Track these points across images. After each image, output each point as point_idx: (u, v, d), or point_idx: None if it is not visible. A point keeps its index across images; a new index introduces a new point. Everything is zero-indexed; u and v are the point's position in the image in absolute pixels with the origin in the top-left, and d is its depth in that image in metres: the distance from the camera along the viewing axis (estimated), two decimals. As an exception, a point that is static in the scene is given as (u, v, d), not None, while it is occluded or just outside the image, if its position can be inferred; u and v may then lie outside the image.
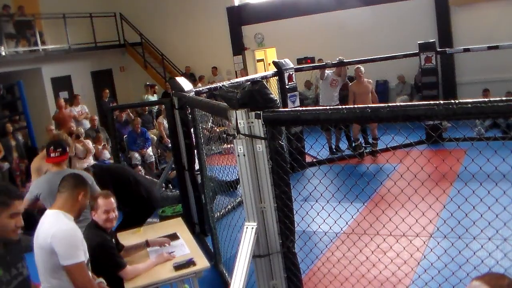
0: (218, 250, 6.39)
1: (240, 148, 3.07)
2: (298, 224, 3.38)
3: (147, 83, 17.24)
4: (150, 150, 12.07)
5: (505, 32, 13.29)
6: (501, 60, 13.49)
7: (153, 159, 12.04)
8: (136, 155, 11.80)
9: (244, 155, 3.07)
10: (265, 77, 10.44)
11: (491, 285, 2.02)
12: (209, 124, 7.04)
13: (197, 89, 7.92)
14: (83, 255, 3.43)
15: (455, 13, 15.16)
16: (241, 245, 3.02)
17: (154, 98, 16.08)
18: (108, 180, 5.84)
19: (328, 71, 11.76)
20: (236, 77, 16.22)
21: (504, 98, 2.42)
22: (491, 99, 2.45)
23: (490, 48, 11.56)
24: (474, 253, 3.80)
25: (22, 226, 2.92)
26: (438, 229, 5.90)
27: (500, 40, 11.90)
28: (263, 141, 3.02)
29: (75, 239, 3.42)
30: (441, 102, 2.54)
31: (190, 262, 4.52)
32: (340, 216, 4.29)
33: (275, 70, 10.75)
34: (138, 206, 6.18)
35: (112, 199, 4.43)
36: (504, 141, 8.13)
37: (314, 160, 10.46)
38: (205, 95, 7.75)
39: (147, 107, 15.23)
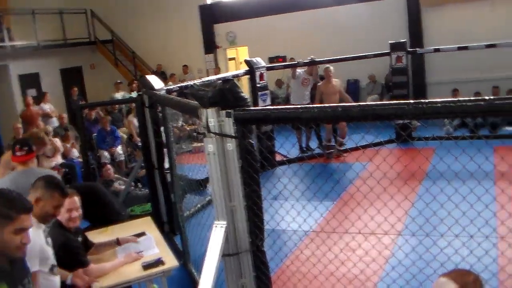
0: (187, 249, 6.37)
1: (210, 147, 3.05)
2: (267, 223, 3.38)
3: (118, 81, 17.06)
4: (119, 149, 11.96)
5: (474, 33, 13.51)
6: (470, 61, 13.75)
7: (123, 158, 11.93)
8: (105, 153, 11.69)
9: (214, 154, 3.05)
10: (237, 76, 10.44)
11: (457, 282, 2.05)
12: (180, 122, 7.01)
13: (168, 87, 7.88)
14: (37, 264, 3.25)
15: (426, 13, 15.35)
16: (210, 244, 3.00)
17: (134, 95, 15.83)
18: None
19: (299, 70, 11.81)
20: (208, 76, 16.18)
21: (472, 98, 2.46)
22: (460, 99, 2.49)
23: (459, 48, 11.79)
24: (441, 250, 3.85)
25: (28, 243, 2.63)
26: (406, 227, 5.98)
27: (469, 41, 12.10)
28: (233, 139, 3.01)
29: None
30: (411, 101, 2.57)
31: (158, 261, 4.48)
32: (310, 214, 4.31)
33: (247, 68, 10.75)
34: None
35: (76, 198, 4.36)
36: (472, 140, 8.24)
37: (284, 159, 10.48)
38: (175, 93, 7.71)
39: (117, 105, 15.05)
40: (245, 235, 3.16)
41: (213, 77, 9.80)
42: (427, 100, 2.54)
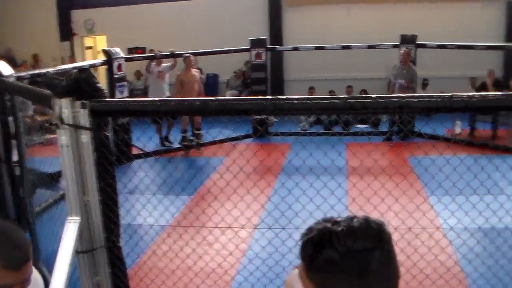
0: (37, 247, 6.06)
1: (63, 139, 2.92)
2: (123, 218, 3.31)
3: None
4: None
5: (331, 35, 14.22)
6: (325, 61, 14.44)
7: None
8: None
9: (67, 146, 2.92)
10: (94, 66, 10.13)
11: None
12: (30, 112, 6.65)
13: (19, 75, 7.44)
14: None
15: (286, 13, 15.82)
16: (62, 241, 2.87)
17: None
18: None
19: (152, 64, 11.70)
20: (63, 64, 15.50)
21: (327, 96, 2.59)
22: (316, 96, 2.59)
23: (317, 48, 12.36)
24: (297, 243, 3.96)
25: None
26: (262, 220, 6.12)
27: (326, 42, 12.72)
28: (88, 131, 2.90)
29: None
30: (269, 97, 2.63)
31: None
32: (166, 209, 4.27)
33: (105, 58, 10.46)
34: None
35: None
36: (326, 136, 8.58)
37: (141, 152, 10.33)
38: (27, 81, 7.31)
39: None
40: (100, 231, 3.06)
41: (68, 66, 9.43)
42: (284, 97, 2.63)
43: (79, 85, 2.89)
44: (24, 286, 2.02)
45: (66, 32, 17.81)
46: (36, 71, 8.19)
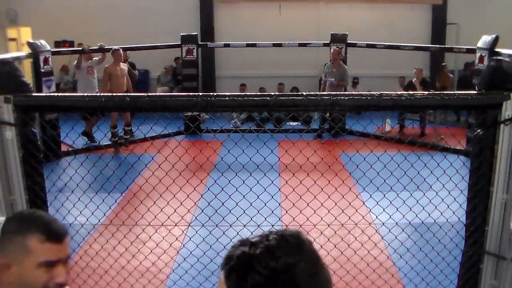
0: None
1: (-15, 135, 2.79)
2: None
3: None
4: None
5: (263, 33, 14.32)
6: (257, 58, 14.54)
7: None
8: None
9: (-10, 143, 2.80)
10: (18, 59, 9.75)
11: None
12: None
13: None
14: None
15: (218, 9, 15.78)
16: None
17: None
18: None
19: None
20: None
21: (259, 93, 2.59)
22: (247, 93, 2.59)
23: (248, 45, 12.43)
24: (231, 240, 3.95)
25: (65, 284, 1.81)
26: (196, 218, 6.06)
27: (257, 39, 12.79)
28: (13, 128, 2.79)
29: None
30: (200, 94, 2.61)
31: None
32: (98, 207, 4.15)
33: (30, 51, 10.11)
34: None
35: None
36: (258, 133, 8.59)
37: (70, 149, 10.06)
38: None
39: None
40: (26, 231, 2.94)
41: (-10, 59, 9.05)
42: (216, 93, 2.62)
43: (2, 79, 2.78)
44: (67, 266, 1.87)
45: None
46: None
